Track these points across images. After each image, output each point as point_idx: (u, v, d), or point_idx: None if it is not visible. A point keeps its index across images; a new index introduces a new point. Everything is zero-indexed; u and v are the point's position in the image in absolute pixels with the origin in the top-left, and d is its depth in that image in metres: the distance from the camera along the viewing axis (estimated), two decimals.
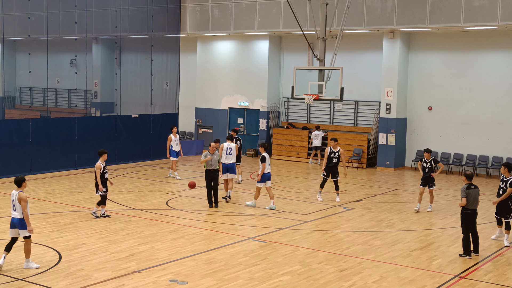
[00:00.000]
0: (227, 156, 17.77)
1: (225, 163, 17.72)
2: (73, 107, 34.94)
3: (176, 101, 27.95)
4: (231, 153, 17.81)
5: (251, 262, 11.97)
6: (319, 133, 25.90)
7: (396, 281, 11.13)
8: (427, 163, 16.97)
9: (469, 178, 12.79)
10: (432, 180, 17.05)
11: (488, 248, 13.48)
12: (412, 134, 25.42)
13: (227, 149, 17.81)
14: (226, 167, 17.73)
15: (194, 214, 16.14)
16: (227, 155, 17.78)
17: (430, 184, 17.04)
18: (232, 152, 17.84)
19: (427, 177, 17.01)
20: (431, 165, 16.96)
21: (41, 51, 28.59)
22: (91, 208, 16.38)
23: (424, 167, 16.99)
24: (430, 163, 16.94)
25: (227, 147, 17.82)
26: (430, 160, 16.97)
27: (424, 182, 17.08)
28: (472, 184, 12.74)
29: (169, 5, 28.19)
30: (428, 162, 16.96)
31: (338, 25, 22.42)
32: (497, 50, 23.64)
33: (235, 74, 28.92)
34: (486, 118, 23.87)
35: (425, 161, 17.04)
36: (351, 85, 25.11)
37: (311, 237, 14.06)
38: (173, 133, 21.99)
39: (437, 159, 17.47)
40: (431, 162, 16.95)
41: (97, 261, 11.79)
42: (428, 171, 16.94)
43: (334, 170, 18.32)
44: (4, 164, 20.97)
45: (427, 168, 16.96)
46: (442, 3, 22.46)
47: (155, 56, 27.39)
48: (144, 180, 21.23)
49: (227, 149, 17.81)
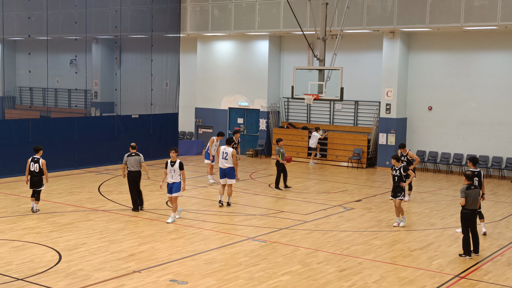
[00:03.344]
0: (223, 160, 17.10)
1: (222, 168, 17.13)
2: (73, 107, 34.94)
3: (176, 101, 27.95)
4: (227, 158, 17.05)
5: (251, 262, 11.97)
6: (316, 135, 25.92)
7: (396, 281, 11.13)
8: (396, 171, 15.19)
9: (469, 179, 12.77)
10: (401, 190, 15.17)
11: (488, 248, 13.48)
12: (412, 134, 25.41)
13: (223, 153, 17.14)
14: (224, 171, 17.10)
15: (194, 214, 16.14)
16: (223, 159, 17.09)
17: (398, 194, 15.16)
18: (228, 157, 17.06)
19: (395, 187, 15.23)
20: (400, 173, 15.17)
21: (41, 51, 28.58)
22: (91, 208, 16.39)
23: (394, 176, 15.25)
24: (399, 171, 15.15)
25: (223, 151, 17.14)
26: (399, 167, 15.18)
27: (393, 192, 15.33)
28: (472, 184, 12.74)
29: (169, 5, 28.19)
30: (397, 169, 15.17)
31: (338, 25, 22.42)
32: (497, 50, 23.64)
33: (235, 74, 28.93)
34: (486, 118, 23.86)
35: (394, 169, 15.28)
36: (351, 85, 25.11)
37: (311, 237, 14.06)
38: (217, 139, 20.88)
39: (407, 166, 15.49)
40: (400, 170, 15.15)
41: (97, 261, 11.79)
42: (397, 179, 15.18)
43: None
44: (4, 164, 20.96)
45: (396, 176, 15.19)
46: (442, 3, 22.46)
47: (155, 56, 27.38)
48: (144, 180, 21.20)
49: (223, 153, 17.13)
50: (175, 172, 15.04)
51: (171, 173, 15.06)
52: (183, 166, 15.11)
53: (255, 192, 19.57)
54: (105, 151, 24.34)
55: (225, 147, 17.28)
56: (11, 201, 17.13)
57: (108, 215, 15.71)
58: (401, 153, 18.27)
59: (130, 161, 16.27)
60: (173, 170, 15.06)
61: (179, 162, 15.07)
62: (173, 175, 15.06)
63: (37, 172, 15.68)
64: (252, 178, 22.30)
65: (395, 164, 15.22)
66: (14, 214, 15.51)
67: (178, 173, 15.02)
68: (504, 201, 19.02)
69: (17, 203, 16.92)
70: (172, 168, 15.05)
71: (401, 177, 15.13)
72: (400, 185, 15.12)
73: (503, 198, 19.54)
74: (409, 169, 15.41)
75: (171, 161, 15.09)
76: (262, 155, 28.34)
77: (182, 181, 15.10)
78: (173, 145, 27.33)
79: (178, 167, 15.01)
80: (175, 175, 15.05)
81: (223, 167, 17.13)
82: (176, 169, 15.03)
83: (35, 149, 16.00)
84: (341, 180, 22.48)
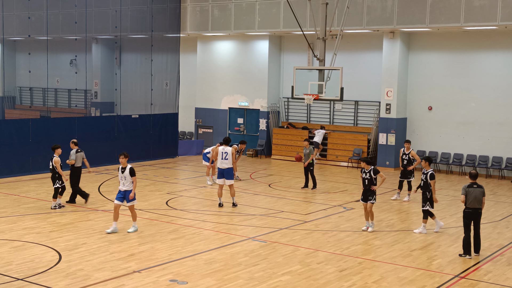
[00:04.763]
0: (223, 160, 16.93)
1: (220, 168, 16.97)
2: (73, 107, 34.94)
3: (176, 101, 27.95)
4: (227, 158, 16.90)
5: (251, 262, 11.97)
6: (321, 132, 25.97)
7: (396, 281, 11.13)
8: (366, 174, 14.58)
9: (472, 177, 12.85)
10: (372, 193, 14.60)
11: (488, 248, 13.48)
12: (412, 134, 25.41)
13: (222, 153, 16.97)
14: (222, 172, 16.96)
15: (194, 214, 16.14)
16: (223, 159, 16.92)
17: (369, 198, 14.61)
18: (228, 156, 16.93)
19: (366, 190, 14.67)
20: (370, 176, 14.52)
21: (41, 51, 28.57)
22: (91, 208, 16.40)
23: (364, 179, 14.66)
24: (370, 174, 14.52)
25: (223, 151, 16.97)
26: (369, 170, 14.52)
27: (363, 196, 14.77)
28: (475, 183, 12.72)
29: (169, 5, 28.19)
30: (367, 172, 14.55)
31: (338, 25, 22.42)
32: (497, 50, 23.64)
33: (235, 74, 28.93)
34: (486, 118, 23.86)
35: (364, 171, 14.67)
36: (351, 85, 25.11)
37: (311, 237, 14.06)
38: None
39: (377, 169, 14.66)
40: (370, 173, 14.52)
41: (97, 261, 11.79)
42: (368, 182, 14.57)
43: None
44: (4, 164, 20.97)
45: (366, 179, 14.59)
46: (442, 3, 22.46)
47: (155, 56, 27.39)
48: (144, 180, 21.22)
49: (223, 153, 16.96)
50: (126, 179, 13.78)
51: (122, 181, 13.83)
52: (135, 172, 13.85)
53: (255, 192, 19.57)
54: (105, 151, 24.33)
55: (224, 147, 17.12)
56: (11, 201, 17.14)
57: (108, 215, 15.70)
58: (404, 151, 18.40)
59: (78, 157, 17.09)
60: (124, 177, 13.80)
61: (129, 168, 13.79)
62: (124, 182, 13.81)
63: (51, 170, 16.33)
64: (252, 178, 22.30)
65: (365, 167, 14.58)
66: (14, 214, 15.52)
67: (130, 180, 13.78)
68: (504, 201, 19.02)
69: (17, 203, 16.92)
70: (123, 175, 13.80)
71: (372, 180, 14.51)
72: (371, 189, 14.54)
73: (503, 198, 19.54)
74: (380, 172, 14.62)
75: (121, 167, 13.86)
76: (262, 155, 28.34)
77: (133, 188, 13.82)
78: (173, 145, 27.41)
79: (129, 173, 13.75)
80: (126, 183, 13.79)
81: (222, 167, 16.98)
82: (126, 176, 13.76)
83: (51, 148, 16.61)
84: (341, 180, 22.48)
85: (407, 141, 18.92)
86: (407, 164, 18.46)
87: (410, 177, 18.55)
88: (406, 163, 18.45)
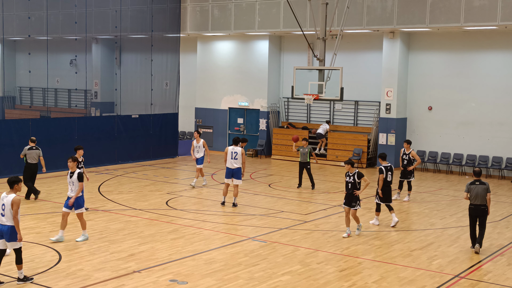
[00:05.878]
0: (232, 160, 16.88)
1: (230, 168, 16.94)
2: (73, 107, 34.94)
3: (176, 101, 27.95)
4: (236, 158, 16.83)
5: (251, 262, 11.97)
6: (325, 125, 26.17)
7: (396, 281, 11.13)
8: (350, 177, 13.89)
9: (475, 175, 13.12)
10: (356, 199, 13.93)
11: (488, 248, 13.48)
12: (412, 134, 25.41)
13: (232, 153, 16.91)
14: (232, 171, 16.94)
15: (194, 214, 16.14)
16: (233, 159, 16.88)
17: (353, 204, 13.96)
18: (238, 156, 16.84)
19: (349, 195, 13.98)
20: (354, 179, 13.85)
21: (41, 51, 28.57)
22: (91, 208, 16.38)
23: (347, 182, 13.97)
24: (353, 178, 13.86)
25: (232, 151, 16.92)
26: (353, 173, 13.86)
27: (346, 200, 14.07)
28: (478, 180, 13.01)
29: (169, 5, 28.19)
30: (351, 176, 13.87)
31: (338, 25, 22.42)
32: (497, 50, 23.64)
33: (235, 74, 28.92)
34: (486, 118, 23.86)
35: (348, 175, 13.96)
36: (351, 85, 25.11)
37: (311, 237, 14.06)
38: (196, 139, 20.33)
39: (361, 173, 13.99)
40: (354, 176, 13.85)
41: (97, 261, 11.79)
42: (351, 186, 13.88)
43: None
44: (4, 164, 20.96)
45: (350, 183, 13.89)
46: (442, 3, 22.46)
47: (155, 56, 27.39)
48: (144, 180, 21.23)
49: (232, 153, 16.90)
50: (74, 185, 12.99)
51: (70, 186, 13.04)
52: (82, 177, 13.04)
53: (255, 192, 19.57)
54: (105, 151, 24.34)
55: (233, 147, 17.09)
56: None
57: (108, 215, 15.71)
58: (404, 151, 18.45)
59: (31, 154, 17.38)
60: (72, 183, 13.01)
61: (77, 173, 13.00)
62: (72, 188, 13.02)
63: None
64: (252, 178, 22.30)
65: (349, 169, 13.87)
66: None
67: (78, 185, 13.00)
68: (504, 201, 19.02)
69: None
70: (71, 180, 13.02)
71: (355, 184, 13.81)
72: (354, 193, 13.84)
73: (503, 198, 19.54)
74: (364, 176, 13.98)
75: (70, 172, 13.11)
76: (262, 155, 28.34)
77: (75, 193, 12.95)
78: (173, 145, 27.41)
79: (77, 178, 12.95)
80: (74, 188, 12.99)
81: (231, 167, 16.95)
82: (74, 181, 12.96)
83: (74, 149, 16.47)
84: (341, 180, 22.43)
85: (407, 141, 18.94)
86: (407, 164, 18.49)
87: (410, 177, 18.58)
88: (406, 163, 18.48)
